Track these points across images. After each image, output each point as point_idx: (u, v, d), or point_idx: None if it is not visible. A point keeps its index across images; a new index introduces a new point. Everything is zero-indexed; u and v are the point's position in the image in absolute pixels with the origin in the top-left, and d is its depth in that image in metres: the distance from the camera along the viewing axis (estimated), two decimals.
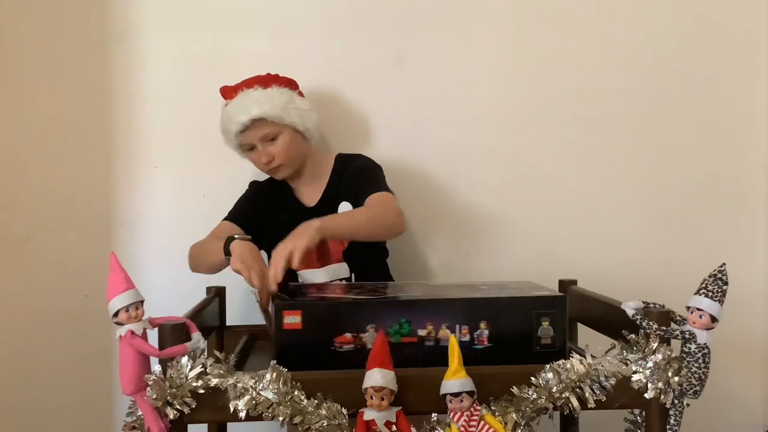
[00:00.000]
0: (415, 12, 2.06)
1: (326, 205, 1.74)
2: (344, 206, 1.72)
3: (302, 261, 1.34)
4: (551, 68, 2.10)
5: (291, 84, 1.76)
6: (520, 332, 1.21)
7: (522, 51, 2.09)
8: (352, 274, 1.72)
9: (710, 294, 1.11)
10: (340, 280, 1.71)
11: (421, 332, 1.19)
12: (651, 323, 1.11)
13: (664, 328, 1.12)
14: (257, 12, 2.04)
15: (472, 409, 1.05)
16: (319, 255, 1.69)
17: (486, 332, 1.20)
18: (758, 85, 2.14)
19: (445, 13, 2.07)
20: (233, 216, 1.76)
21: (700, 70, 2.12)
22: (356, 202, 1.66)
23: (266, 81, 1.71)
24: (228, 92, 1.72)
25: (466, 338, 1.19)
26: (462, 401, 1.04)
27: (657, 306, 1.17)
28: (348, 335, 1.18)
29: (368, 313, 1.20)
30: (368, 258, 1.77)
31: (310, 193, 1.80)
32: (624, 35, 2.11)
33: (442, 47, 2.07)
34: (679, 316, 1.16)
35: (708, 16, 2.12)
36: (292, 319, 1.19)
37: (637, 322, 1.12)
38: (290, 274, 1.64)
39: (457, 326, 1.20)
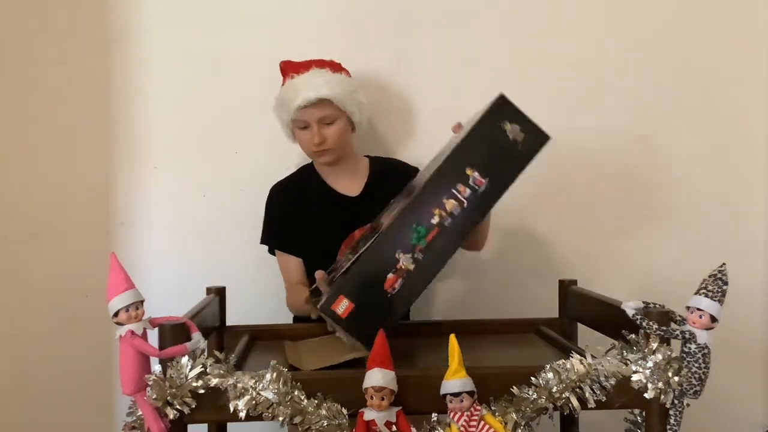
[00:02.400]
0: (416, 12, 2.06)
1: (369, 197, 1.77)
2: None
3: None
4: (551, 68, 2.10)
5: (353, 77, 1.80)
6: (499, 148, 1.25)
7: (522, 51, 2.09)
8: None
9: (710, 294, 1.11)
10: None
11: (435, 220, 1.22)
12: (651, 323, 1.11)
13: (664, 328, 1.12)
14: (257, 12, 2.04)
15: (472, 409, 1.05)
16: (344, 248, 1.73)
17: (476, 174, 1.23)
18: (758, 85, 2.14)
19: (445, 13, 2.07)
20: (279, 244, 1.80)
21: (700, 70, 2.12)
22: None
23: (336, 66, 1.74)
24: (296, 67, 1.73)
25: (467, 193, 1.23)
26: (462, 401, 1.04)
27: (657, 306, 1.17)
28: (390, 275, 1.21)
29: (387, 246, 1.22)
30: None
31: (349, 185, 1.80)
32: (624, 35, 2.11)
33: (442, 47, 2.07)
34: (679, 316, 1.16)
35: (708, 17, 2.12)
36: (342, 306, 1.22)
37: (637, 322, 1.12)
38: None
39: (454, 191, 1.23)
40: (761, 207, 2.15)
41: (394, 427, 1.05)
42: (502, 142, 1.26)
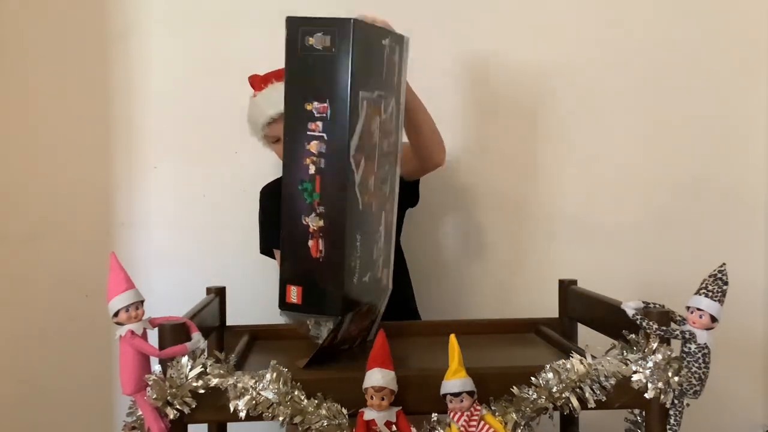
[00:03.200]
0: (416, 12, 2.06)
1: None
2: None
3: None
4: (551, 68, 2.10)
5: None
6: (317, 69, 1.14)
7: (522, 51, 2.09)
8: None
9: (710, 294, 1.11)
10: None
11: (312, 171, 1.15)
12: (651, 323, 1.11)
13: (665, 328, 1.12)
14: (257, 12, 2.04)
15: (472, 409, 1.05)
16: None
17: (316, 103, 1.15)
18: (758, 85, 2.14)
19: (446, 13, 2.07)
20: (275, 243, 1.70)
21: (700, 70, 2.13)
22: None
23: None
24: (257, 83, 1.71)
25: (321, 126, 1.15)
26: (462, 401, 1.04)
27: (657, 306, 1.17)
28: (311, 242, 1.16)
29: (291, 219, 1.17)
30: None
31: None
32: (624, 35, 2.11)
33: (442, 47, 2.07)
34: (679, 316, 1.16)
35: (708, 17, 2.12)
36: (294, 294, 1.20)
37: (637, 322, 1.12)
38: None
39: (309, 134, 1.15)
40: (761, 207, 2.15)
41: (394, 427, 1.05)
42: (315, 59, 1.15)
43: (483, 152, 2.09)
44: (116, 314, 1.07)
